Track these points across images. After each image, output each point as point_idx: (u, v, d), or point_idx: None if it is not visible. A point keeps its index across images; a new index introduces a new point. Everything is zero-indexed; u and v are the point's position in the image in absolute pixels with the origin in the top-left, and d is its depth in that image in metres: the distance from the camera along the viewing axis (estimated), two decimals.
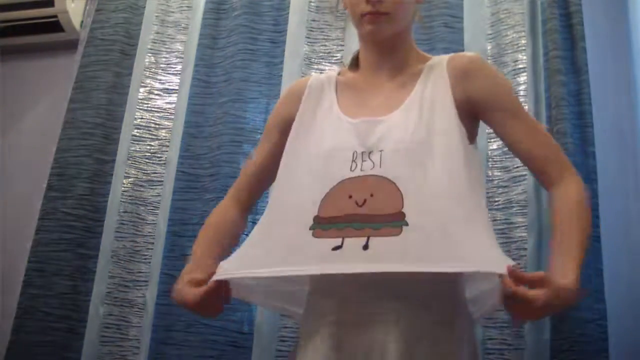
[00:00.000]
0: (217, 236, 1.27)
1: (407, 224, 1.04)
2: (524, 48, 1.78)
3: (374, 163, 1.11)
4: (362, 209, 1.07)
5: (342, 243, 1.05)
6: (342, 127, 1.18)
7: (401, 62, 1.24)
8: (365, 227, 1.05)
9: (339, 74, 1.32)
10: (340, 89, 1.26)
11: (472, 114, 1.18)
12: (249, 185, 1.34)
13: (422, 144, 1.11)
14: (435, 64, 1.22)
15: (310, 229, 1.09)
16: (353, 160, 1.12)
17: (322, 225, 1.08)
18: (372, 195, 1.08)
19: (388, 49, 1.23)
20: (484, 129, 1.75)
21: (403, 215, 1.05)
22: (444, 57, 1.23)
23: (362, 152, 1.13)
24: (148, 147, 2.00)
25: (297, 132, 1.24)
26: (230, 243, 1.28)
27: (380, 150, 1.12)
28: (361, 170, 1.11)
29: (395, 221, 1.04)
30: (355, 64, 1.31)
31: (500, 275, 0.97)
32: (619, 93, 1.80)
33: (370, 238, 1.03)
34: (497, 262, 0.99)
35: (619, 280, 1.59)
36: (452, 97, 1.16)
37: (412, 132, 1.13)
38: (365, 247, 1.03)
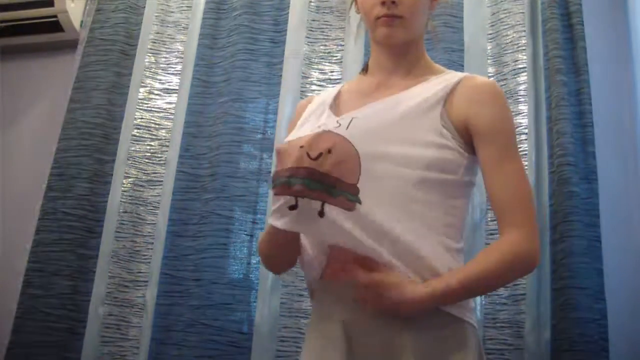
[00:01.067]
0: None
1: (360, 202, 1.01)
2: (524, 48, 1.78)
3: (340, 124, 1.08)
4: (315, 162, 1.00)
5: (297, 203, 1.00)
6: (325, 119, 1.17)
7: (413, 68, 1.23)
8: (319, 188, 0.99)
9: (343, 86, 1.32)
10: (343, 95, 1.26)
11: (467, 133, 1.14)
12: None
13: (390, 132, 1.08)
14: (448, 77, 1.20)
15: (272, 189, 1.06)
16: (318, 127, 1.10)
17: (277, 179, 1.03)
18: (329, 152, 1.01)
19: (401, 54, 1.23)
20: None
21: (357, 190, 1.01)
22: (460, 74, 1.21)
23: (332, 122, 1.11)
24: (148, 147, 2.00)
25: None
26: None
27: (352, 118, 1.09)
28: (322, 125, 1.10)
29: (351, 193, 1.01)
30: (366, 69, 1.31)
31: None
32: (619, 93, 1.80)
33: (325, 205, 0.99)
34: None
35: (619, 280, 1.59)
36: (444, 112, 1.13)
37: (386, 116, 1.11)
38: (321, 213, 0.99)
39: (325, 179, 0.99)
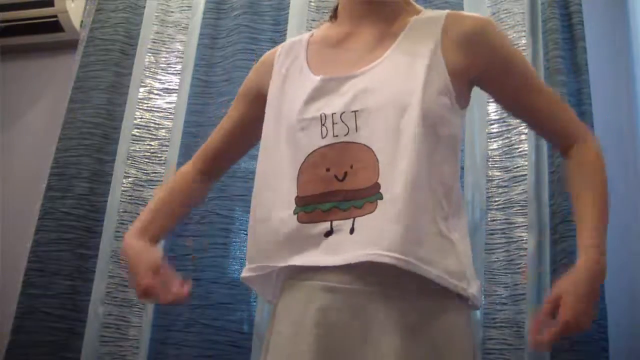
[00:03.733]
0: (172, 204, 1.23)
1: (381, 197, 0.96)
2: (524, 48, 1.78)
3: (348, 127, 1.01)
4: (343, 183, 0.99)
5: (332, 227, 0.98)
6: (310, 87, 1.07)
7: (390, 16, 1.12)
8: (350, 205, 0.98)
9: (312, 35, 1.21)
10: (313, 47, 1.16)
11: (470, 81, 1.09)
12: (214, 153, 1.28)
13: (399, 104, 1.00)
14: (429, 17, 1.11)
15: (294, 213, 1.01)
16: (323, 125, 1.02)
17: (304, 207, 1.00)
18: (352, 167, 0.99)
19: (375, 1, 1.12)
20: (483, 129, 1.76)
21: (379, 186, 0.97)
22: (442, 12, 1.11)
23: (333, 114, 1.02)
24: (148, 147, 1.99)
25: (271, 101, 1.14)
26: (185, 213, 1.29)
27: (354, 111, 1.01)
28: (334, 136, 1.01)
29: (372, 196, 0.97)
30: (334, 15, 1.20)
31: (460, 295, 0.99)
32: (619, 93, 1.80)
33: (356, 219, 0.97)
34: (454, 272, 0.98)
35: (619, 281, 1.59)
36: (442, 58, 1.04)
37: (389, 91, 1.02)
38: (352, 230, 0.97)
39: (352, 195, 0.98)
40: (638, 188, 1.71)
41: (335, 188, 0.99)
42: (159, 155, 1.99)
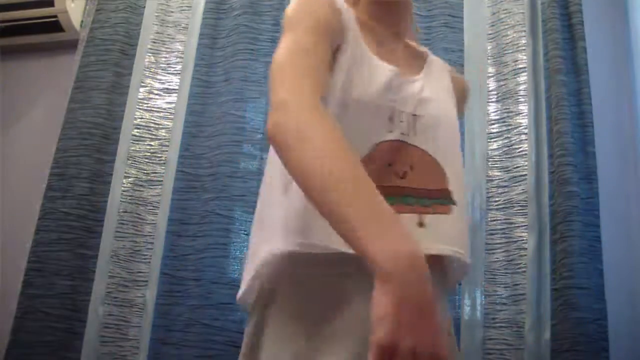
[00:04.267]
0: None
1: (455, 204, 1.00)
2: (524, 48, 1.78)
3: (409, 129, 1.01)
4: (404, 181, 0.98)
5: None
6: (386, 74, 1.01)
7: (404, 32, 1.16)
8: (416, 202, 0.97)
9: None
10: (365, 31, 1.06)
11: None
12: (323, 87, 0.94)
13: (449, 121, 1.06)
14: (437, 60, 1.18)
15: None
16: (390, 119, 0.99)
17: None
18: (411, 168, 0.99)
19: (393, 13, 1.12)
20: (483, 129, 1.76)
21: (450, 192, 1.00)
22: (445, 64, 1.20)
23: (401, 112, 1.01)
24: (148, 147, 1.99)
25: (344, 68, 0.99)
26: None
27: (415, 115, 1.02)
28: (401, 134, 1.00)
29: (444, 199, 0.99)
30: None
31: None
32: (619, 93, 1.81)
33: (422, 215, 0.96)
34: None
35: (619, 280, 1.59)
36: (454, 95, 1.14)
37: (441, 105, 1.07)
38: (421, 224, 0.96)
39: (415, 193, 0.98)
40: (638, 188, 1.71)
41: (396, 184, 0.97)
42: (159, 155, 1.99)
